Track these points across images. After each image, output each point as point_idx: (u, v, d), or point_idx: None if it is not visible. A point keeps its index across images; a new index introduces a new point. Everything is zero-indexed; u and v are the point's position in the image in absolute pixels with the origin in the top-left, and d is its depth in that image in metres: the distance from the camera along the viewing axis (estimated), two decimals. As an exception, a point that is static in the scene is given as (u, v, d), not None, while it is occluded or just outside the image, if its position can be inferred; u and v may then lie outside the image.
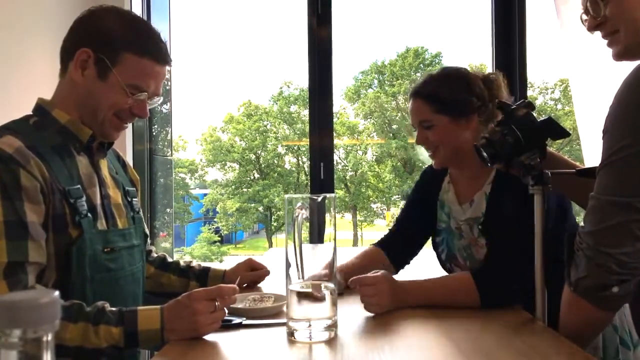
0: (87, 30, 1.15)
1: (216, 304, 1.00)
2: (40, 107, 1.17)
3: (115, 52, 1.12)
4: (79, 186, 1.10)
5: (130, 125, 2.47)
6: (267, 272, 1.46)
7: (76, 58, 1.13)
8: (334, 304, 0.99)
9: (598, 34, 1.02)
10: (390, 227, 1.60)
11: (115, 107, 1.15)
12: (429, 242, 1.54)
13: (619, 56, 0.98)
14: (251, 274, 1.45)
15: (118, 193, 1.25)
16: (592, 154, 2.31)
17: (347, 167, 18.00)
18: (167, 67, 1.21)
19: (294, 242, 0.97)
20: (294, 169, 18.99)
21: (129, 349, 0.99)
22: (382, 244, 1.54)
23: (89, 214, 1.10)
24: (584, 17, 1.02)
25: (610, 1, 0.96)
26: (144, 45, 1.15)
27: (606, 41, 1.01)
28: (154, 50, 1.16)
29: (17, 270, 0.97)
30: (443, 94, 1.34)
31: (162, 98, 1.25)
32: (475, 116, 1.34)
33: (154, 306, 1.02)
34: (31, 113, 1.17)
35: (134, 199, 1.30)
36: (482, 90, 1.35)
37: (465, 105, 1.33)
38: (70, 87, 1.16)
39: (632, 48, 0.95)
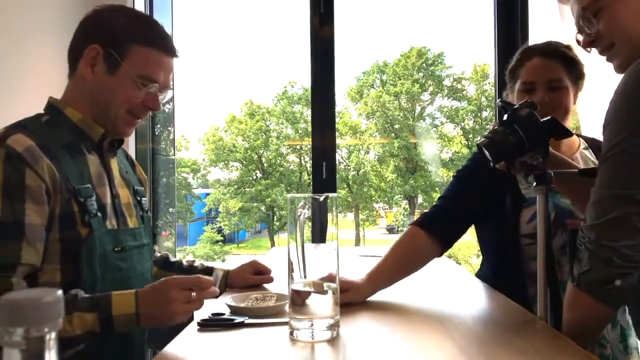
0: (94, 28, 1.17)
1: (192, 294, 1.00)
2: (52, 106, 1.18)
3: (123, 46, 1.14)
4: (89, 185, 1.11)
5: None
6: (271, 279, 1.45)
7: (85, 55, 1.15)
8: (336, 303, 0.99)
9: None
10: (436, 203, 1.45)
11: (128, 102, 1.16)
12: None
13: (621, 68, 1.00)
14: (254, 278, 1.44)
15: (128, 192, 1.25)
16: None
17: (349, 167, 18.00)
18: (174, 60, 1.23)
19: (296, 241, 0.97)
20: (296, 168, 19.00)
21: (105, 334, 0.99)
22: (425, 222, 1.38)
23: (99, 213, 1.11)
24: (579, 37, 1.05)
25: (602, 16, 0.99)
26: (151, 37, 1.17)
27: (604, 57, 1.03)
28: (160, 40, 1.18)
29: (6, 270, 0.97)
30: (575, 59, 1.40)
31: (172, 91, 1.26)
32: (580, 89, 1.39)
33: (129, 290, 1.02)
34: (42, 112, 1.18)
35: (143, 198, 1.31)
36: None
37: (582, 77, 1.41)
38: (82, 86, 1.17)
39: (632, 59, 0.96)
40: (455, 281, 1.55)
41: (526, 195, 1.38)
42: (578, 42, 1.06)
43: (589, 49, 1.04)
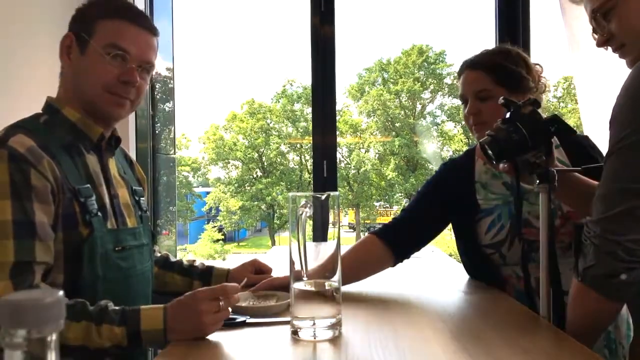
0: (70, 21, 1.18)
1: (220, 303, 0.99)
2: (50, 106, 1.17)
3: (90, 25, 1.14)
4: (88, 185, 1.11)
5: (133, 123, 2.49)
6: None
7: (61, 46, 1.16)
8: (338, 302, 0.99)
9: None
10: (395, 216, 1.50)
11: (100, 77, 1.13)
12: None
13: (633, 64, 1.01)
14: (256, 277, 1.44)
15: (126, 192, 1.25)
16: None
17: (349, 165, 18.01)
18: (151, 35, 1.20)
19: (298, 240, 0.97)
20: (296, 167, 19.02)
21: (132, 349, 0.98)
22: (382, 232, 1.43)
23: (99, 213, 1.10)
24: (595, 35, 1.07)
25: (612, 17, 1.01)
26: (115, 9, 1.16)
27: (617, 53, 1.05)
28: (123, 10, 1.17)
29: (24, 269, 0.97)
30: (505, 65, 1.36)
31: (155, 67, 1.23)
32: (526, 96, 1.32)
33: (157, 305, 1.01)
34: (40, 111, 1.17)
35: (141, 198, 1.31)
36: (536, 75, 1.38)
37: (522, 82, 1.36)
38: (65, 77, 1.18)
39: None
40: (457, 279, 1.54)
41: (481, 207, 1.39)
42: (594, 39, 1.07)
43: (604, 47, 1.06)
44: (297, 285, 0.98)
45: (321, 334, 0.97)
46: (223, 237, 18.23)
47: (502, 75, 1.35)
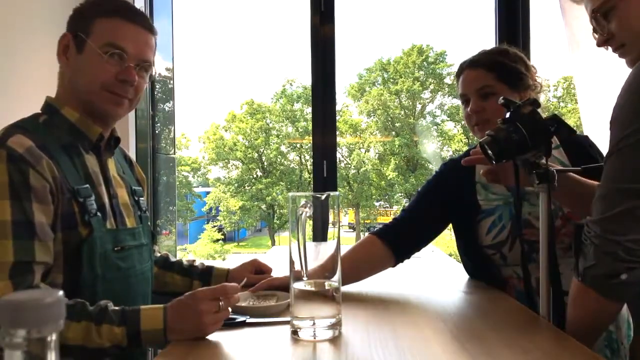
0: (69, 20, 1.18)
1: (220, 303, 0.99)
2: (49, 105, 1.17)
3: (87, 24, 1.14)
4: (87, 185, 1.10)
5: (133, 123, 2.49)
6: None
7: (59, 45, 1.17)
8: (338, 302, 0.99)
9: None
10: (396, 216, 1.50)
11: (97, 76, 1.13)
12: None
13: (633, 64, 1.01)
14: (256, 277, 1.43)
15: (125, 192, 1.25)
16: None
17: (349, 165, 18.01)
18: (149, 34, 1.19)
19: (298, 240, 0.97)
20: (296, 167, 19.01)
21: (132, 349, 0.98)
22: (383, 233, 1.42)
23: (98, 213, 1.10)
24: (595, 35, 1.07)
25: (612, 18, 1.01)
26: (113, 8, 1.16)
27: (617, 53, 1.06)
28: (123, 10, 1.17)
29: (24, 270, 0.96)
30: (505, 63, 1.37)
31: (154, 66, 1.23)
32: (526, 94, 1.34)
33: (157, 305, 1.01)
34: (40, 111, 1.17)
35: (140, 199, 1.31)
36: (533, 74, 1.40)
37: (522, 79, 1.37)
38: (63, 77, 1.18)
39: None
40: (457, 279, 1.54)
41: (482, 207, 1.39)
42: (594, 38, 1.08)
43: (604, 47, 1.06)
44: (297, 285, 0.98)
45: (321, 334, 0.97)
46: (223, 237, 18.23)
47: (502, 72, 1.36)
